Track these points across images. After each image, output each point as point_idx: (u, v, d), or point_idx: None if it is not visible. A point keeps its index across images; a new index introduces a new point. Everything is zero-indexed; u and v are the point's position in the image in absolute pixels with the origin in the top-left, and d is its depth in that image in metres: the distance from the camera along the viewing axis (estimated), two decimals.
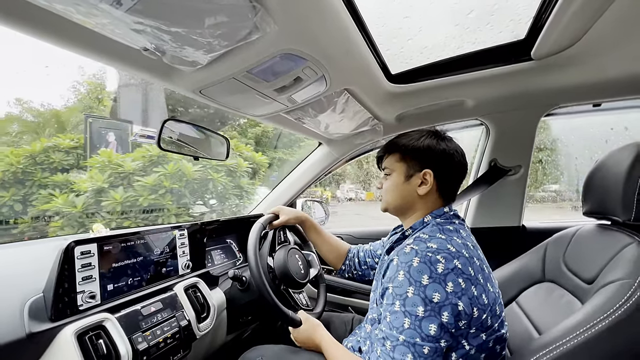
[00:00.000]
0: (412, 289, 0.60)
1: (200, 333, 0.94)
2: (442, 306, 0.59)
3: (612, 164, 0.79)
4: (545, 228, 1.31)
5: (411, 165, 0.77)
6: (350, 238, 1.67)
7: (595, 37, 0.75)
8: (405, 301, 0.61)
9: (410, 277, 0.61)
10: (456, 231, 0.71)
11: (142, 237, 0.93)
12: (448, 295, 0.59)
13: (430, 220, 0.75)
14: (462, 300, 0.60)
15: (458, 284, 0.60)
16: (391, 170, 0.82)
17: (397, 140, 0.83)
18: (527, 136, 1.24)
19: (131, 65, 0.61)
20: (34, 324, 0.64)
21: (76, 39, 0.50)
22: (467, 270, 0.63)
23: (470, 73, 0.98)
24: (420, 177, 0.76)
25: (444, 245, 0.64)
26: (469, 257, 0.65)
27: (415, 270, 0.61)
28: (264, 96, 0.81)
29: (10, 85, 6.63)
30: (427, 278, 0.60)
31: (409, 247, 0.66)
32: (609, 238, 0.77)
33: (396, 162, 0.80)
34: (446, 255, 0.62)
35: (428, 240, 0.66)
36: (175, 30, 0.48)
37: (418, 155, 0.77)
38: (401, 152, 0.80)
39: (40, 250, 0.85)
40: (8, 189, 3.93)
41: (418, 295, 0.59)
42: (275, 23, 0.54)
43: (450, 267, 0.61)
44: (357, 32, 0.72)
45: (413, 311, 0.59)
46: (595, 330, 0.58)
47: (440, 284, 0.59)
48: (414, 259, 0.62)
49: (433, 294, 0.59)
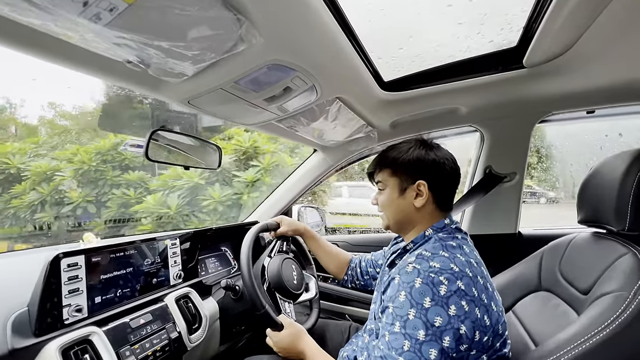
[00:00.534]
0: (413, 311, 0.59)
1: (191, 345, 0.92)
2: (443, 331, 0.57)
3: (606, 172, 0.78)
4: (542, 235, 1.30)
5: (403, 178, 0.76)
6: (346, 245, 1.66)
7: (586, 44, 0.75)
8: (406, 323, 0.59)
9: (412, 299, 0.59)
10: (459, 247, 0.69)
11: (132, 248, 0.92)
12: (450, 319, 0.57)
13: (431, 234, 0.73)
14: (465, 324, 0.58)
15: (461, 307, 0.58)
16: (384, 185, 0.80)
17: (386, 154, 0.81)
18: (521, 143, 1.23)
19: (116, 78, 0.61)
20: (17, 339, 0.63)
21: (58, 52, 0.50)
22: (471, 291, 0.60)
23: (463, 81, 0.98)
24: (414, 190, 0.74)
25: (447, 265, 0.62)
26: (472, 276, 0.62)
27: (418, 292, 0.59)
28: (254, 106, 0.80)
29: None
30: (429, 301, 0.58)
31: (411, 266, 0.64)
32: (604, 247, 0.76)
33: (388, 177, 0.79)
34: (449, 276, 0.60)
35: (431, 258, 0.64)
36: (158, 43, 0.47)
37: (409, 168, 0.75)
38: (392, 166, 0.78)
39: (27, 261, 0.84)
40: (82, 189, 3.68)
41: (419, 319, 0.58)
42: (260, 35, 0.53)
43: (454, 289, 0.59)
44: (347, 41, 0.71)
45: (414, 334, 0.58)
46: (591, 343, 0.57)
47: (442, 307, 0.57)
48: (416, 279, 0.61)
49: (435, 318, 0.57)
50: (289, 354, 0.85)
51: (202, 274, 1.25)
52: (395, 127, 1.31)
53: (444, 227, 0.74)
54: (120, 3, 0.39)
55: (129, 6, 0.39)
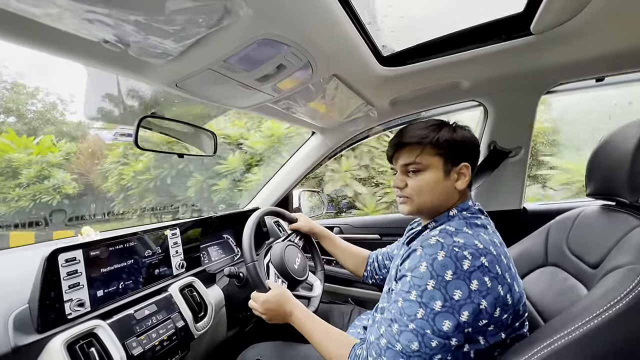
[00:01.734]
0: (432, 282, 0.58)
1: (198, 332, 0.93)
2: (462, 305, 0.56)
3: (617, 142, 0.75)
4: (547, 210, 1.28)
5: (449, 158, 0.72)
6: (348, 227, 1.65)
7: (598, 7, 0.69)
8: (423, 292, 0.58)
9: (433, 270, 0.58)
10: (483, 227, 0.67)
11: (131, 240, 0.90)
12: (471, 293, 0.56)
13: (456, 214, 0.71)
14: (487, 299, 0.56)
15: (484, 282, 0.57)
16: (424, 167, 0.72)
17: (424, 132, 0.72)
18: (527, 115, 1.19)
19: (94, 60, 0.56)
20: (19, 336, 0.62)
21: (23, 32, 0.45)
22: (495, 268, 0.59)
23: (466, 52, 0.92)
24: (457, 171, 0.72)
25: (470, 241, 0.60)
26: (496, 254, 0.61)
27: (440, 264, 0.58)
28: (246, 87, 0.76)
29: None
30: (451, 274, 0.57)
31: (434, 238, 0.63)
32: (614, 220, 0.74)
33: (431, 157, 0.72)
34: (473, 252, 0.58)
35: (455, 233, 0.63)
36: (135, 18, 0.43)
37: (457, 148, 0.71)
38: (437, 145, 0.71)
39: (24, 257, 0.83)
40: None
41: (439, 290, 0.57)
42: (248, 6, 0.48)
43: (477, 264, 0.57)
44: (343, 13, 0.66)
45: (430, 304, 0.57)
46: (603, 318, 0.56)
47: (464, 281, 0.56)
48: (439, 252, 0.59)
49: (455, 291, 0.56)
50: (276, 315, 0.82)
51: (206, 262, 1.25)
52: (394, 104, 1.26)
53: (468, 208, 0.73)
54: None
55: None
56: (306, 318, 0.79)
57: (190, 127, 0.99)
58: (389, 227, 1.56)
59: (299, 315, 0.80)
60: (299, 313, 0.80)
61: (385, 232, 1.56)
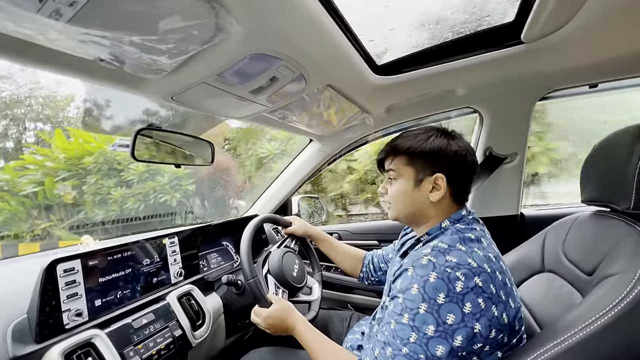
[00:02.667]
0: (425, 305, 0.56)
1: (195, 341, 0.93)
2: (456, 329, 0.54)
3: (610, 148, 0.75)
4: (544, 215, 1.28)
5: (421, 169, 0.70)
6: (347, 234, 1.65)
7: (586, 16, 0.70)
8: (415, 316, 0.56)
9: (425, 293, 0.56)
10: (477, 240, 0.65)
11: (129, 249, 0.91)
12: (465, 317, 0.54)
13: (448, 226, 0.69)
14: (480, 322, 0.55)
15: (477, 304, 0.55)
16: (398, 175, 0.73)
17: (401, 141, 0.73)
18: (522, 122, 1.19)
19: (91, 77, 0.58)
20: (18, 347, 0.63)
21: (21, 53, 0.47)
22: (489, 288, 0.57)
23: (459, 60, 0.94)
24: (431, 182, 0.69)
25: (464, 260, 0.58)
26: (490, 272, 0.59)
27: (432, 287, 0.56)
28: (241, 98, 0.77)
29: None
30: (443, 297, 0.55)
31: (426, 258, 0.60)
32: (608, 227, 0.74)
33: (403, 166, 0.72)
34: (466, 272, 0.57)
35: (447, 251, 0.60)
36: (129, 38, 0.44)
37: (429, 158, 0.69)
38: (408, 154, 0.71)
39: (24, 268, 0.84)
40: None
41: (431, 314, 0.55)
42: (238, 23, 0.50)
43: (471, 285, 0.56)
44: (334, 26, 0.67)
45: (422, 328, 0.55)
46: (596, 325, 0.56)
47: (457, 304, 0.55)
48: (431, 273, 0.57)
49: (447, 315, 0.54)
50: (278, 329, 0.83)
51: (205, 269, 1.25)
52: (390, 112, 1.27)
53: (461, 219, 0.70)
54: None
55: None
56: (307, 331, 0.79)
57: (187, 137, 1.00)
58: (387, 233, 1.57)
59: (301, 329, 0.80)
60: (301, 327, 0.80)
61: (383, 238, 1.57)
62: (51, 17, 0.37)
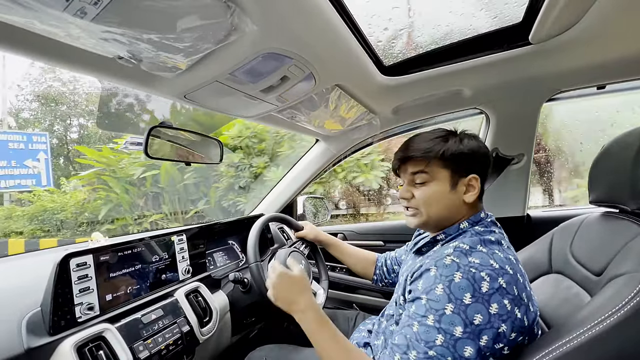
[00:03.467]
0: (451, 306, 0.55)
1: (203, 337, 0.94)
2: (482, 329, 0.53)
3: (618, 150, 0.75)
4: (551, 217, 1.28)
5: (456, 171, 0.69)
6: (352, 234, 1.66)
7: (595, 17, 0.71)
8: (441, 317, 0.55)
9: (451, 293, 0.55)
10: (498, 243, 0.64)
11: (139, 245, 0.93)
12: (491, 317, 0.54)
13: (467, 228, 0.69)
14: (506, 323, 0.55)
15: (503, 305, 0.55)
16: (431, 178, 0.70)
17: (429, 144, 0.70)
18: (529, 123, 1.19)
19: (108, 75, 0.60)
20: (32, 338, 0.64)
21: (45, 50, 0.48)
22: (512, 290, 0.57)
23: (466, 61, 0.94)
24: (464, 184, 0.69)
25: (486, 261, 0.58)
26: (512, 274, 0.59)
27: (457, 287, 0.55)
28: (251, 97, 0.79)
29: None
30: (469, 297, 0.54)
31: (449, 258, 0.60)
32: (617, 227, 0.74)
33: (439, 169, 0.69)
34: (490, 273, 0.56)
35: (469, 252, 0.60)
36: (148, 36, 0.46)
37: (464, 160, 0.69)
38: (444, 157, 0.69)
39: (38, 262, 0.86)
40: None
41: (458, 315, 0.54)
42: (253, 22, 0.51)
43: (496, 286, 0.55)
44: (344, 27, 0.69)
45: (449, 330, 0.54)
46: (605, 325, 0.56)
47: (483, 304, 0.54)
48: (456, 273, 0.57)
49: (475, 315, 0.54)
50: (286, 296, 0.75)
51: (211, 268, 1.26)
52: (397, 112, 1.28)
53: (480, 221, 0.70)
54: None
55: None
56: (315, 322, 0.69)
57: (197, 135, 1.02)
58: (392, 234, 1.57)
59: (307, 316, 0.70)
60: (309, 315, 0.70)
61: (388, 238, 1.57)
62: (76, 15, 0.39)
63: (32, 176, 5.42)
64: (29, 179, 5.37)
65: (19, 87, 7.63)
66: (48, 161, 5.63)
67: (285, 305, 0.74)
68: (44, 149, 5.65)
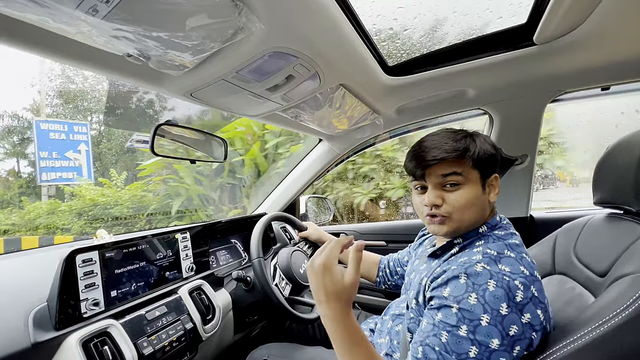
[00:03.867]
0: (487, 317, 0.52)
1: (206, 335, 0.94)
2: (517, 340, 0.52)
3: (623, 151, 0.75)
4: (554, 218, 1.28)
5: (485, 171, 0.68)
6: (355, 234, 1.66)
7: (599, 18, 0.71)
8: (476, 329, 0.52)
9: (486, 303, 0.53)
10: (522, 245, 0.64)
11: (144, 242, 0.93)
12: (524, 327, 0.53)
13: (486, 232, 0.66)
14: (538, 333, 0.54)
15: (536, 315, 0.54)
16: (465, 180, 0.65)
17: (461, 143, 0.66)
18: (532, 124, 1.19)
19: (117, 72, 0.61)
20: (38, 333, 0.65)
21: (56, 48, 0.49)
22: (543, 297, 0.56)
23: (471, 61, 0.94)
24: (489, 184, 0.68)
25: (517, 268, 0.56)
26: (539, 280, 0.58)
27: (492, 296, 0.53)
28: (257, 96, 0.79)
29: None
30: (505, 307, 0.52)
31: (479, 265, 0.57)
32: (621, 228, 0.74)
33: (471, 169, 0.66)
34: (524, 282, 0.55)
35: (499, 259, 0.58)
36: (157, 34, 0.46)
37: (490, 159, 0.68)
38: (473, 157, 0.66)
39: (44, 258, 0.87)
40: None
41: (495, 327, 0.52)
42: (260, 21, 0.52)
43: (529, 295, 0.54)
44: (350, 26, 0.69)
45: (485, 342, 0.52)
46: (609, 325, 0.56)
47: (517, 314, 0.53)
48: (489, 281, 0.54)
49: (511, 327, 0.52)
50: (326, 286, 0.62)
51: (214, 266, 1.27)
52: (400, 112, 1.28)
53: (497, 224, 0.68)
54: None
55: None
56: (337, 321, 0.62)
57: (202, 134, 1.03)
58: (395, 234, 1.57)
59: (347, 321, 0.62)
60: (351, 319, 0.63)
61: (391, 238, 1.57)
62: (88, 13, 0.39)
63: (74, 169, 5.19)
64: (70, 172, 5.13)
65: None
66: (89, 153, 5.42)
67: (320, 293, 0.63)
68: (85, 140, 5.41)
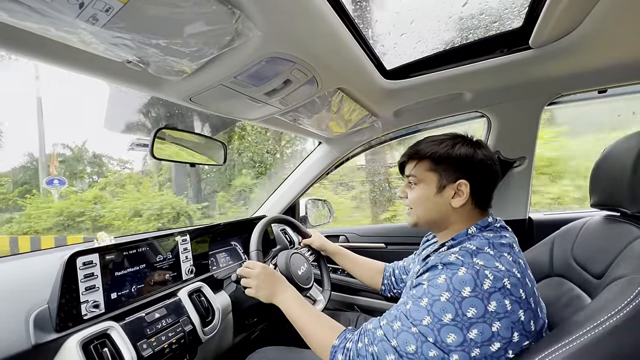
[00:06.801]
0: (447, 294, 0.55)
1: (205, 337, 0.95)
2: (473, 322, 0.53)
3: (619, 153, 0.75)
4: (553, 220, 1.28)
5: (444, 175, 0.69)
6: (354, 236, 1.66)
7: (595, 21, 0.71)
8: (434, 303, 0.56)
9: (451, 284, 0.56)
10: (509, 246, 0.64)
11: (144, 245, 0.94)
12: (486, 314, 0.53)
13: (475, 233, 0.68)
14: (502, 322, 0.54)
15: (503, 305, 0.54)
16: (419, 180, 0.73)
17: (426, 145, 0.72)
18: (530, 126, 1.20)
19: (117, 78, 0.62)
20: (39, 334, 0.66)
21: (58, 55, 0.51)
22: (518, 292, 0.56)
23: (467, 65, 0.95)
24: (453, 188, 0.69)
25: (491, 263, 0.58)
26: (520, 277, 0.58)
27: (459, 280, 0.56)
28: (255, 100, 0.80)
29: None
30: (468, 291, 0.54)
31: (454, 256, 0.60)
32: (617, 230, 0.74)
33: (426, 172, 0.71)
34: (495, 273, 0.56)
35: (475, 253, 0.60)
36: (156, 41, 0.48)
37: (454, 164, 0.69)
38: (433, 160, 0.70)
39: (45, 261, 0.88)
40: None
41: (452, 304, 0.54)
42: (256, 28, 0.53)
43: (498, 286, 0.55)
44: (346, 31, 0.70)
45: (439, 314, 0.55)
46: (603, 327, 0.56)
47: (482, 300, 0.54)
48: (461, 268, 0.57)
49: (469, 309, 0.54)
50: (266, 287, 0.84)
51: (214, 268, 1.27)
52: (399, 115, 1.29)
53: (488, 226, 0.69)
54: (115, 3, 0.39)
55: (124, 6, 0.40)
56: (296, 302, 0.79)
57: (201, 137, 1.04)
58: (394, 236, 1.57)
59: (288, 298, 0.80)
60: (289, 296, 0.81)
61: (390, 240, 1.57)
62: (88, 22, 0.40)
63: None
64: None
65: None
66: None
67: (265, 295, 0.83)
68: None
